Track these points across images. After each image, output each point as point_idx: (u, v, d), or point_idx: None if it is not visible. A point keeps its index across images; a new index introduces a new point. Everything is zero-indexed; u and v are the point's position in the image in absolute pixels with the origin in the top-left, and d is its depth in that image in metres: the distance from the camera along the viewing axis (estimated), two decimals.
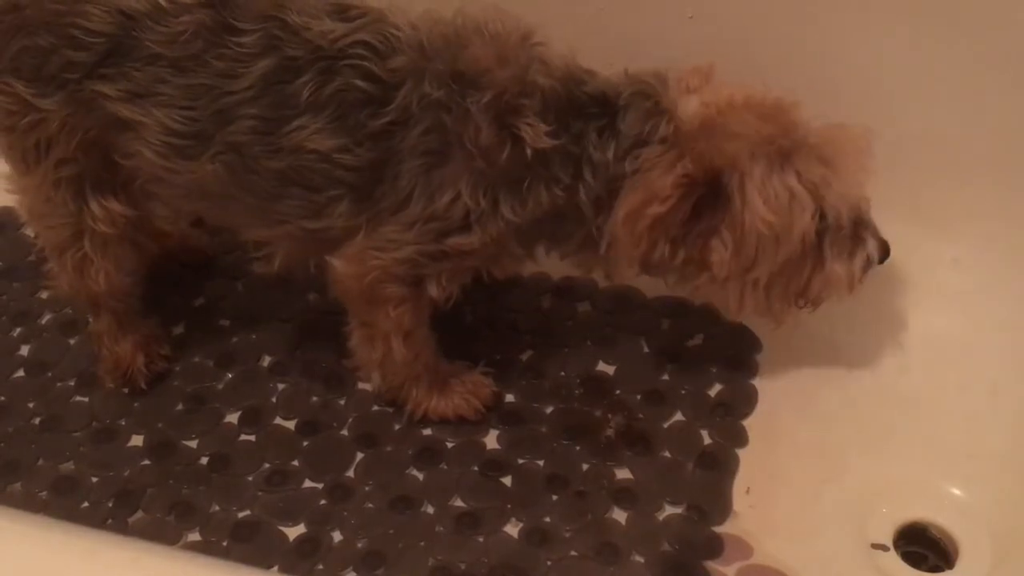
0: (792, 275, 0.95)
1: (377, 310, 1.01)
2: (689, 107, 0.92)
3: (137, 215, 1.06)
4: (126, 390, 1.16)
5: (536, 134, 0.90)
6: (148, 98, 0.94)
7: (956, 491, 1.03)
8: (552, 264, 1.19)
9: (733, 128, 0.91)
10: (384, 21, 0.93)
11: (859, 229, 0.96)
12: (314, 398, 1.15)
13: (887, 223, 1.14)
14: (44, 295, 1.26)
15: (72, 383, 1.18)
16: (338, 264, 0.98)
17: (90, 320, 1.17)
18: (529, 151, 0.91)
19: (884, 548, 0.99)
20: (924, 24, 1.10)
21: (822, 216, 0.92)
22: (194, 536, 1.03)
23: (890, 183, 1.12)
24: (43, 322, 1.25)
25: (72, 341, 1.23)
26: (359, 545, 1.01)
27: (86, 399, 1.17)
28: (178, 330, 1.23)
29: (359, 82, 0.91)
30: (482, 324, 1.21)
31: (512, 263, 1.04)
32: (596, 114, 0.93)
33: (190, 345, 1.21)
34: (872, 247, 0.97)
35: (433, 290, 0.99)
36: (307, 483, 1.07)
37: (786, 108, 0.93)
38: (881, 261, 0.98)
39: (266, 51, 0.92)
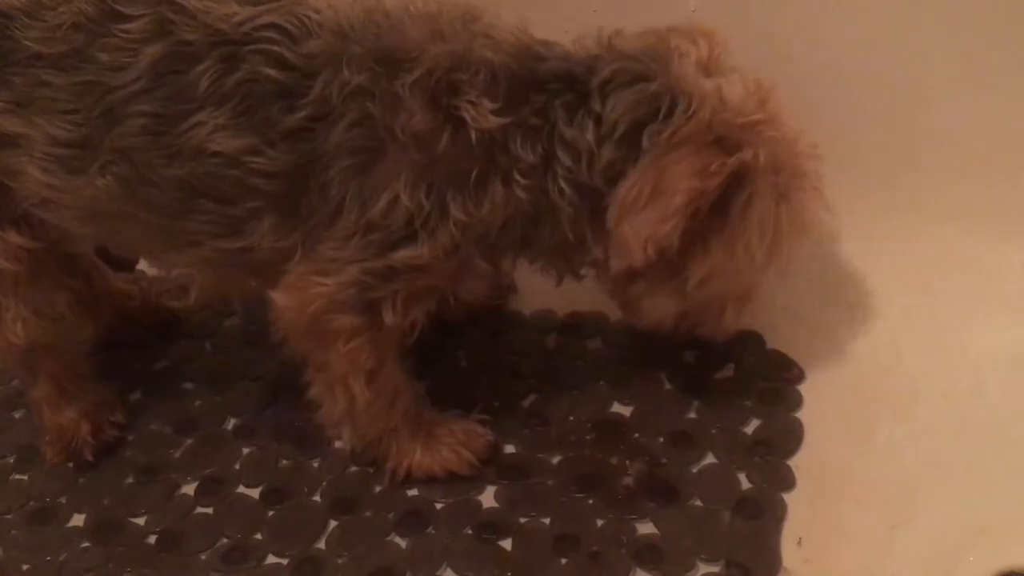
0: (713, 305, 0.92)
1: (328, 347, 0.89)
2: (735, 91, 0.82)
3: (42, 247, 0.94)
4: (71, 464, 1.06)
5: (480, 113, 0.79)
6: (30, 106, 0.85)
7: None
8: (558, 299, 1.13)
9: (768, 136, 0.82)
10: (300, 4, 0.84)
11: None
12: (284, 461, 1.05)
13: (946, 230, 1.11)
14: None
15: (11, 460, 1.09)
16: (276, 296, 0.87)
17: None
18: (474, 134, 0.79)
19: None
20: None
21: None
22: None
23: (946, 190, 1.11)
24: None
25: (17, 415, 1.15)
26: None
27: (25, 477, 1.07)
28: (135, 396, 1.13)
29: (268, 70, 0.81)
30: (479, 369, 1.11)
31: (478, 282, 0.92)
32: (560, 90, 0.82)
33: (147, 411, 1.12)
34: None
35: (389, 317, 0.86)
36: (270, 559, 0.96)
37: (803, 137, 0.86)
38: None
39: (155, 36, 0.83)
